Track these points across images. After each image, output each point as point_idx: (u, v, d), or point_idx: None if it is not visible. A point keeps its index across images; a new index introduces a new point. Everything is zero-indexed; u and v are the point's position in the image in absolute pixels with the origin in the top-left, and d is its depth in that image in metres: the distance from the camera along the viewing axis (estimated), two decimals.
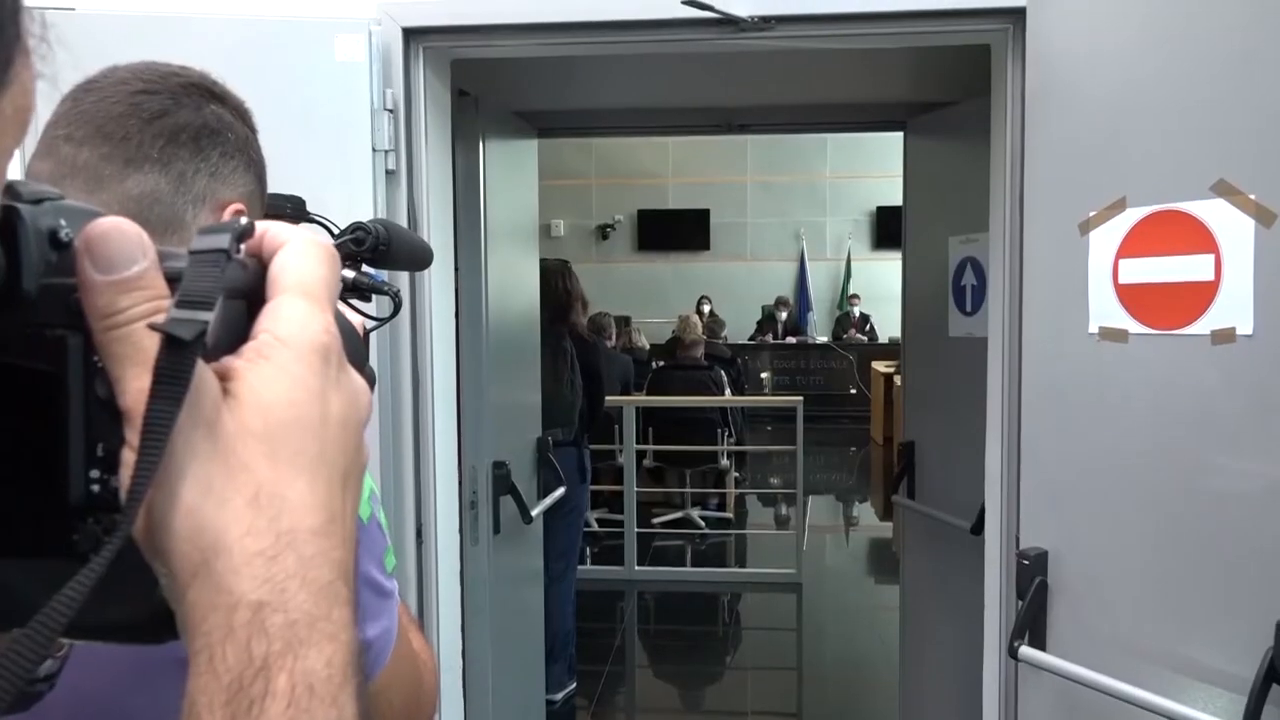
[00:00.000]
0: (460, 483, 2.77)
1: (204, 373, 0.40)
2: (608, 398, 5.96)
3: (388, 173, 2.10)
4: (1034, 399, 2.01)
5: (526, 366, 3.56)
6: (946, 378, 3.30)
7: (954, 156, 3.29)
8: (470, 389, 2.93)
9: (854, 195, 14.71)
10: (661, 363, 8.68)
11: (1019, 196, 2.10)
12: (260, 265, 0.44)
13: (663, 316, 14.11)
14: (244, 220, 0.43)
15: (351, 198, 1.97)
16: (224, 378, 0.41)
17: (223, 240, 0.41)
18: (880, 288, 14.14)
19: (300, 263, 0.44)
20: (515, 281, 3.41)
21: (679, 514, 7.52)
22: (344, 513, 0.42)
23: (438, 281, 2.33)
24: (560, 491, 3.67)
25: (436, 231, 2.29)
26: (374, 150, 2.05)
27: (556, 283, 4.15)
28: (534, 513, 3.38)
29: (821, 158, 14.71)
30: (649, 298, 14.73)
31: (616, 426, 6.58)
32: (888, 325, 13.16)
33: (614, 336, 6.88)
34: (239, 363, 0.41)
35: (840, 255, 14.82)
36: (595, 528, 7.06)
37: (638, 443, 6.64)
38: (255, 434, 0.40)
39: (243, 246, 0.43)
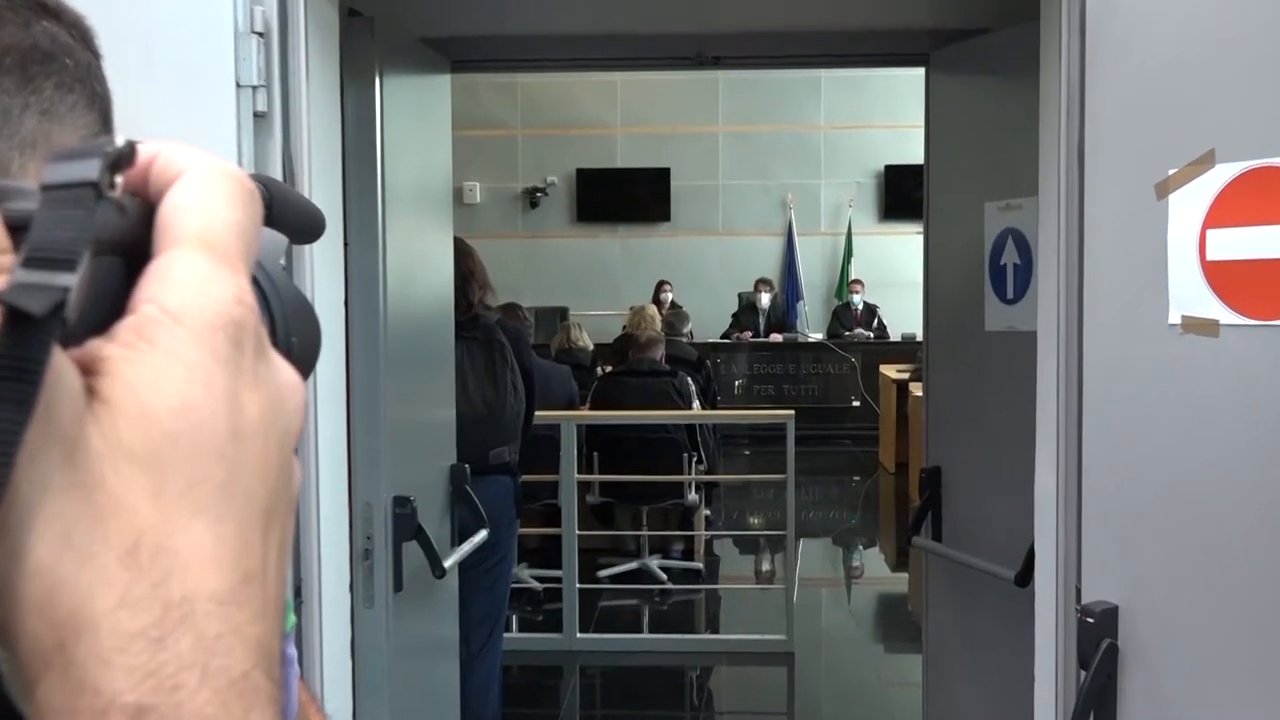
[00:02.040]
0: (350, 526, 2.73)
1: (61, 366, 0.36)
2: (545, 413, 5.92)
3: (256, 115, 2.07)
4: (1097, 410, 2.04)
5: (438, 372, 3.53)
6: (982, 385, 3.33)
7: (991, 100, 3.33)
8: (363, 402, 2.91)
9: (856, 151, 14.86)
10: (609, 368, 8.68)
11: (1077, 150, 2.12)
12: (144, 206, 0.41)
13: (610, 308, 14.16)
14: (120, 140, 0.40)
15: (209, 148, 1.93)
16: (89, 371, 0.38)
17: (90, 169, 0.38)
18: (890, 270, 14.30)
19: (203, 202, 0.41)
20: (423, 261, 3.39)
21: (633, 564, 7.52)
22: (265, 568, 0.39)
23: (321, 260, 2.30)
24: (482, 535, 3.65)
25: (320, 193, 2.26)
26: (238, 86, 2.02)
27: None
28: (448, 564, 3.35)
29: (814, 102, 14.84)
30: (591, 284, 14.76)
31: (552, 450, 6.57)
32: (900, 318, 13.31)
33: (530, 333, 6.89)
34: (111, 349, 0.38)
35: (838, 228, 14.98)
36: (528, 583, 7.04)
37: (579, 472, 6.64)
38: (134, 456, 0.37)
39: (119, 179, 0.40)
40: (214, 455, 0.38)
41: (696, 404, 7.49)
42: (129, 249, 0.40)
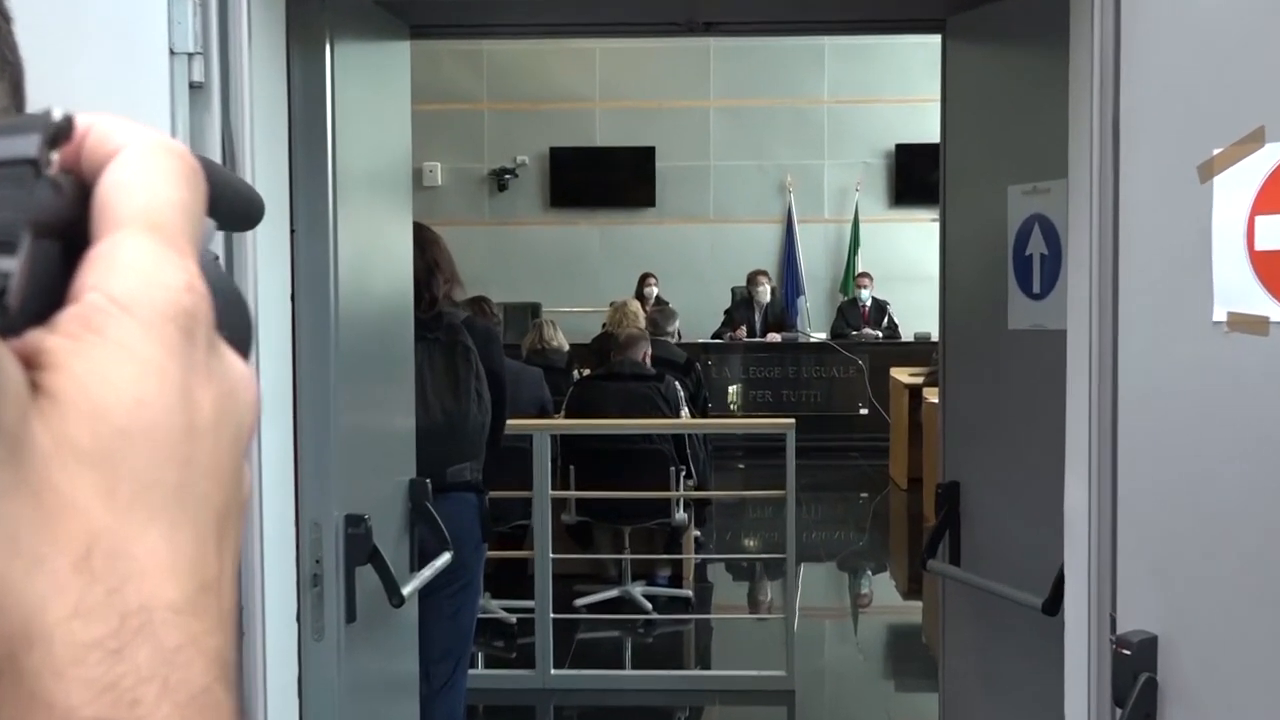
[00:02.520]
0: (297, 548, 2.73)
1: (2, 358, 0.37)
2: (515, 422, 5.89)
3: (192, 86, 2.06)
4: (1134, 418, 2.05)
5: (396, 376, 3.53)
6: (1005, 390, 3.34)
7: (1015, 71, 3.34)
8: (312, 409, 2.90)
9: (864, 129, 14.91)
10: (586, 371, 8.68)
11: (1111, 127, 2.14)
12: (79, 184, 0.42)
13: (587, 304, 14.15)
14: (58, 112, 0.40)
15: (143, 121, 1.93)
16: (32, 365, 0.38)
17: (28, 145, 0.39)
18: (903, 262, 14.34)
19: (146, 180, 0.42)
20: (380, 250, 3.38)
21: (614, 592, 7.52)
22: (220, 577, 0.40)
23: (265, 249, 2.30)
24: (445, 559, 3.65)
25: (264, 175, 2.26)
26: (171, 53, 2.02)
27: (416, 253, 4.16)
28: (407, 590, 3.35)
29: (817, 74, 14.87)
30: (566, 277, 14.76)
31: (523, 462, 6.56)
32: (914, 316, 13.34)
33: (500, 332, 6.90)
34: (55, 340, 0.39)
35: (844, 215, 15.02)
36: (496, 613, 7.03)
37: (554, 488, 6.64)
38: (84, 455, 0.38)
39: (54, 155, 0.40)
40: (168, 455, 0.39)
41: (685, 411, 7.51)
42: (65, 231, 0.41)
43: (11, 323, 0.38)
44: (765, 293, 13.82)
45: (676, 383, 7.60)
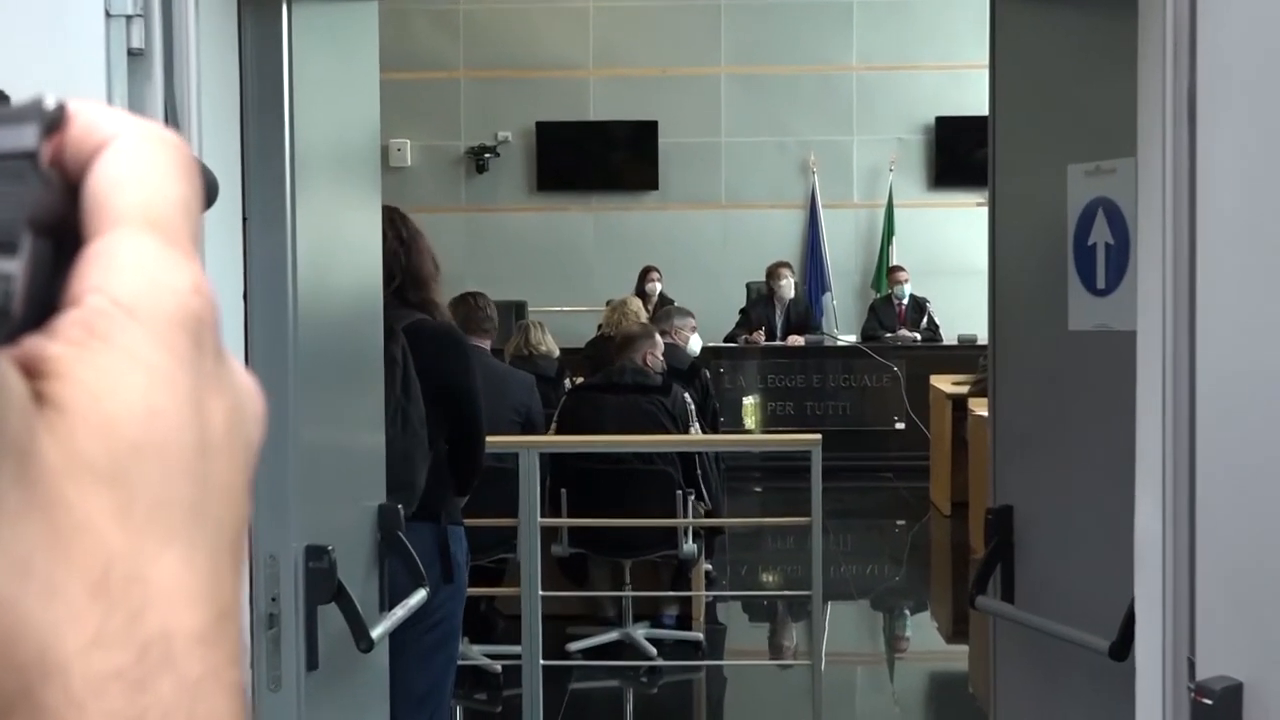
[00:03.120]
0: (250, 584, 2.73)
1: (4, 368, 0.38)
2: (496, 439, 5.86)
3: (130, 53, 2.07)
4: (1215, 432, 2.05)
5: (365, 385, 3.54)
6: (1065, 400, 3.35)
7: (1076, 32, 3.35)
8: (268, 424, 2.90)
9: (899, 100, 14.93)
10: (580, 379, 8.67)
11: (1186, 97, 2.14)
12: (64, 178, 0.43)
13: (580, 303, 14.17)
14: (51, 100, 0.42)
15: (71, 93, 1.94)
16: (34, 374, 0.40)
17: (25, 136, 0.40)
18: (944, 253, 14.36)
19: (143, 174, 0.43)
20: (345, 242, 3.39)
21: (613, 635, 7.52)
22: (235, 604, 0.42)
23: (213, 241, 2.31)
24: (420, 596, 3.66)
25: (213, 155, 2.27)
26: (107, 15, 2.03)
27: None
28: (376, 633, 3.35)
29: (845, 37, 14.90)
30: (557, 271, 14.79)
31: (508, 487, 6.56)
32: (958, 315, 13.34)
33: (490, 334, 6.85)
34: (58, 348, 0.40)
35: (876, 199, 15.04)
36: (477, 660, 7.03)
37: (543, 515, 6.64)
38: (96, 471, 0.39)
39: (46, 147, 0.42)
40: (182, 471, 0.41)
41: (695, 427, 7.49)
42: (57, 229, 0.42)
43: (12, 330, 0.40)
44: (786, 289, 13.79)
45: (686, 394, 7.57)
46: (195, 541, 0.41)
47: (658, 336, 7.95)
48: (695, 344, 9.58)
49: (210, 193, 0.53)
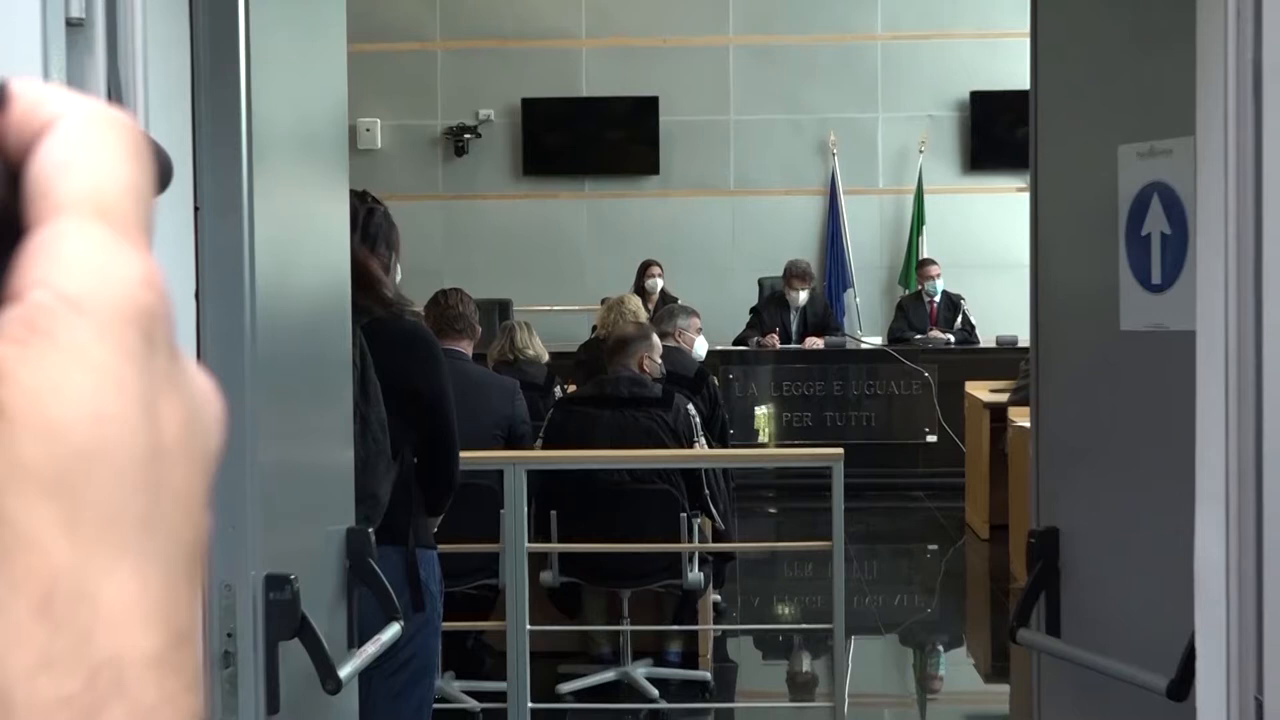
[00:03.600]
0: (204, 617, 2.73)
1: None
2: (477, 454, 5.84)
3: (69, 23, 2.07)
4: None
5: (330, 395, 3.53)
6: (1118, 408, 3.35)
7: None
8: (224, 436, 2.91)
9: (930, 72, 14.92)
10: (572, 387, 8.66)
11: (1251, 69, 2.15)
12: (5, 163, 0.44)
13: (572, 301, 14.18)
14: None
15: (3, 69, 1.95)
16: None
17: None
18: (981, 245, 14.36)
19: (90, 158, 0.44)
20: (310, 234, 3.39)
21: (610, 674, 7.52)
22: (193, 626, 0.43)
23: (162, 232, 2.31)
24: (394, 631, 3.66)
25: (160, 135, 2.27)
26: None
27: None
28: (344, 672, 3.35)
29: (868, 2, 14.88)
30: (545, 265, 14.78)
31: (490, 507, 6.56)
32: (996, 314, 13.35)
33: (468, 336, 6.82)
34: None
35: (905, 184, 15.03)
36: (458, 700, 7.02)
37: (530, 539, 6.64)
38: (40, 480, 0.40)
39: None
40: (133, 480, 0.41)
41: (701, 441, 7.47)
42: None
43: None
44: (801, 290, 13.69)
45: (690, 406, 7.51)
46: (148, 557, 0.41)
47: (654, 338, 7.84)
48: (701, 347, 9.52)
49: (163, 175, 0.54)
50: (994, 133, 14.42)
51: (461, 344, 6.55)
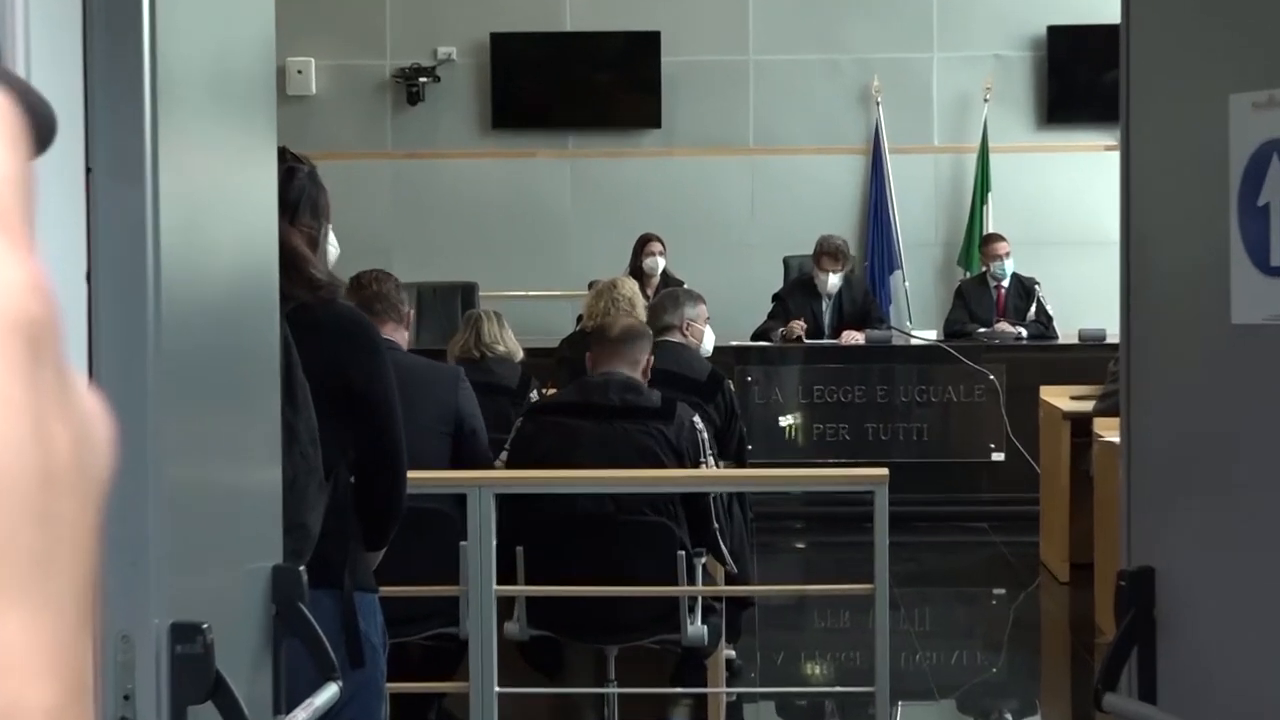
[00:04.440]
0: (96, 675, 2.74)
1: None
2: (431, 474, 5.84)
3: None
4: None
5: (254, 401, 3.54)
6: (1230, 419, 3.36)
7: None
8: (119, 455, 2.91)
9: (996, 3, 14.90)
10: (550, 390, 8.64)
11: None
12: None
13: (553, 285, 14.19)
14: None
15: None
16: None
17: None
18: (1061, 218, 14.37)
19: None
20: (227, 201, 3.39)
21: None
22: (88, 677, 0.43)
23: (47, 201, 2.31)
24: (331, 694, 3.66)
25: (45, 85, 2.27)
26: None
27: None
28: None
29: None
30: (521, 240, 14.78)
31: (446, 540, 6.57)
32: (1081, 304, 13.35)
33: (393, 319, 6.80)
34: None
35: (966, 141, 15.03)
36: None
37: (499, 582, 6.64)
38: None
39: None
40: (23, 509, 0.42)
41: (710, 462, 7.41)
42: None
43: None
44: (835, 272, 13.60)
45: (696, 418, 7.44)
46: (41, 600, 0.42)
47: (651, 335, 7.79)
48: (708, 341, 9.46)
49: (44, 131, 0.54)
50: (1076, 77, 14.42)
51: (387, 330, 6.49)
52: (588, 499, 7.14)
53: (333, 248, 4.63)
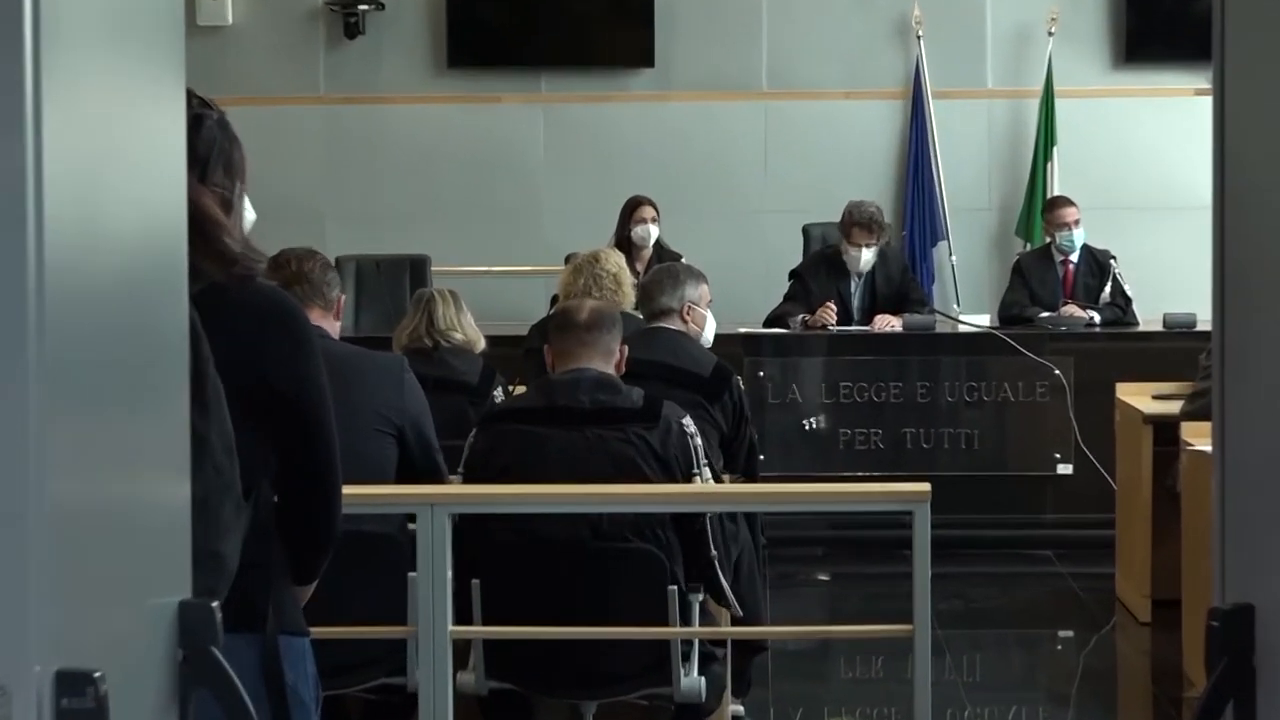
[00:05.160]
0: None
1: None
2: (371, 490, 5.87)
3: None
4: None
5: (159, 401, 3.55)
6: None
7: None
8: None
9: None
10: (519, 388, 8.65)
11: None
12: None
13: (523, 259, 14.19)
14: None
15: None
16: None
17: None
18: (1142, 178, 14.39)
19: None
20: (125, 156, 3.40)
21: None
22: None
23: None
24: None
25: None
26: None
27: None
28: None
29: None
30: (484, 205, 14.77)
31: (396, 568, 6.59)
32: (1167, 283, 13.39)
33: (319, 305, 6.80)
34: None
35: (1026, 85, 15.02)
36: None
37: (457, 621, 6.65)
38: None
39: None
40: None
41: (705, 473, 7.39)
42: None
43: None
44: (867, 245, 13.48)
45: (686, 419, 7.40)
46: None
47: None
48: (710, 330, 9.36)
49: None
50: (1159, 6, 14.45)
51: (313, 316, 6.43)
52: (559, 522, 7.05)
53: (249, 213, 4.57)
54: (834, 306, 13.41)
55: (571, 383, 7.20)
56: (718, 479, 7.61)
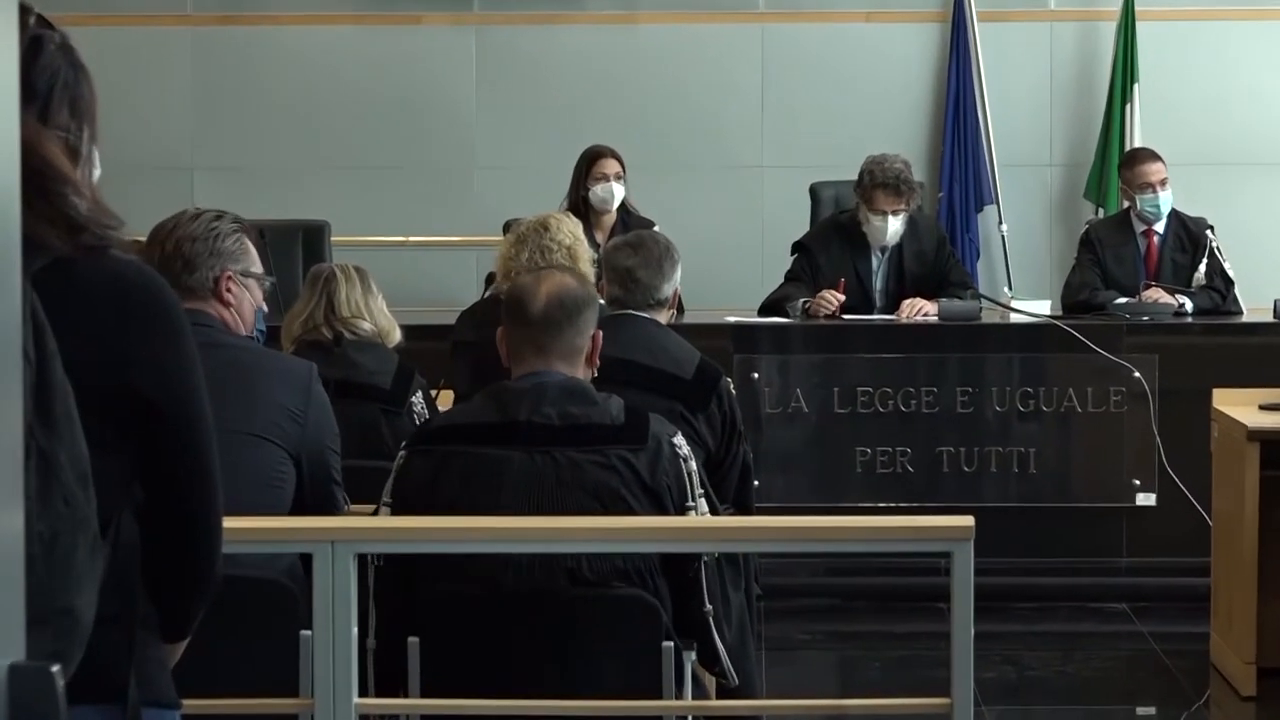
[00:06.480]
0: None
1: None
2: (258, 522, 5.93)
3: None
4: None
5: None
6: None
7: None
8: None
9: None
10: (446, 396, 8.68)
11: None
12: None
13: (452, 228, 14.23)
14: None
15: None
16: None
17: None
18: (1244, 127, 14.43)
19: None
20: None
21: None
22: None
23: None
24: None
25: None
26: None
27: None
28: None
29: None
30: (398, 158, 14.80)
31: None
32: (1275, 263, 13.39)
33: (192, 291, 6.81)
34: None
35: (1100, 4, 15.04)
36: None
37: (372, 690, 6.69)
38: None
39: None
40: None
41: (703, 503, 7.41)
42: None
43: None
44: (894, 214, 13.36)
45: (678, 438, 7.39)
46: None
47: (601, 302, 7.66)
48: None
49: None
50: None
51: (196, 303, 6.43)
52: (519, 567, 6.88)
53: (96, 168, 4.48)
54: (838, 294, 13.21)
55: (531, 391, 7.04)
56: (714, 512, 7.56)
